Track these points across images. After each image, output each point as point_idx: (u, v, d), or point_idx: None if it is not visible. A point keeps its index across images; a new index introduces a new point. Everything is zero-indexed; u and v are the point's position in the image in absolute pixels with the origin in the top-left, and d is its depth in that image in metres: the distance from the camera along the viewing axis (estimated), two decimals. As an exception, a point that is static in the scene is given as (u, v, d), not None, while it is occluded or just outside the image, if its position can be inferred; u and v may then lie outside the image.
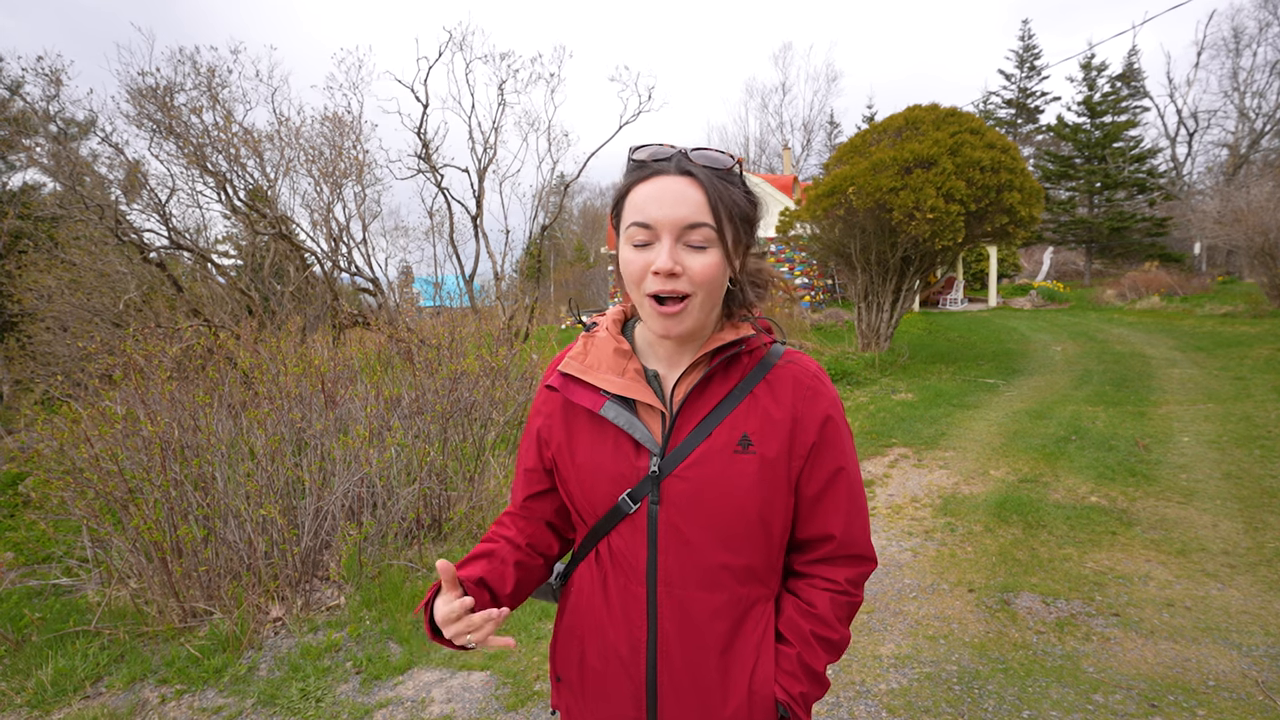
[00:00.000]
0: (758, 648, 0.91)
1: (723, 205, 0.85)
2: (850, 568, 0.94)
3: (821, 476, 0.92)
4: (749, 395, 0.90)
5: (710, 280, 0.85)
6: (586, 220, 45.32)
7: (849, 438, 0.96)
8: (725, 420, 0.89)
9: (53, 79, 7.74)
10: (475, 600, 0.90)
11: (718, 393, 0.91)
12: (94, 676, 2.88)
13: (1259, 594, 3.06)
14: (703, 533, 0.88)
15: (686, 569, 0.89)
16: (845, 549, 0.93)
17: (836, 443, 0.92)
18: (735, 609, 0.90)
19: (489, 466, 4.46)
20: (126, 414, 3.61)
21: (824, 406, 0.92)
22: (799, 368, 0.94)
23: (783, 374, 0.92)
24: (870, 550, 0.96)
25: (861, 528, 0.95)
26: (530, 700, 2.57)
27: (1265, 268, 13.31)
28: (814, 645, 0.91)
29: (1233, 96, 29.47)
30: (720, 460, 0.87)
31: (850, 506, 0.93)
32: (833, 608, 0.92)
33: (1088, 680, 2.50)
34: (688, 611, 0.89)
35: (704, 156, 0.86)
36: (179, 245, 8.34)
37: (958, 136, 9.19)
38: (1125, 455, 5.12)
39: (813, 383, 0.93)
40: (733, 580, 0.90)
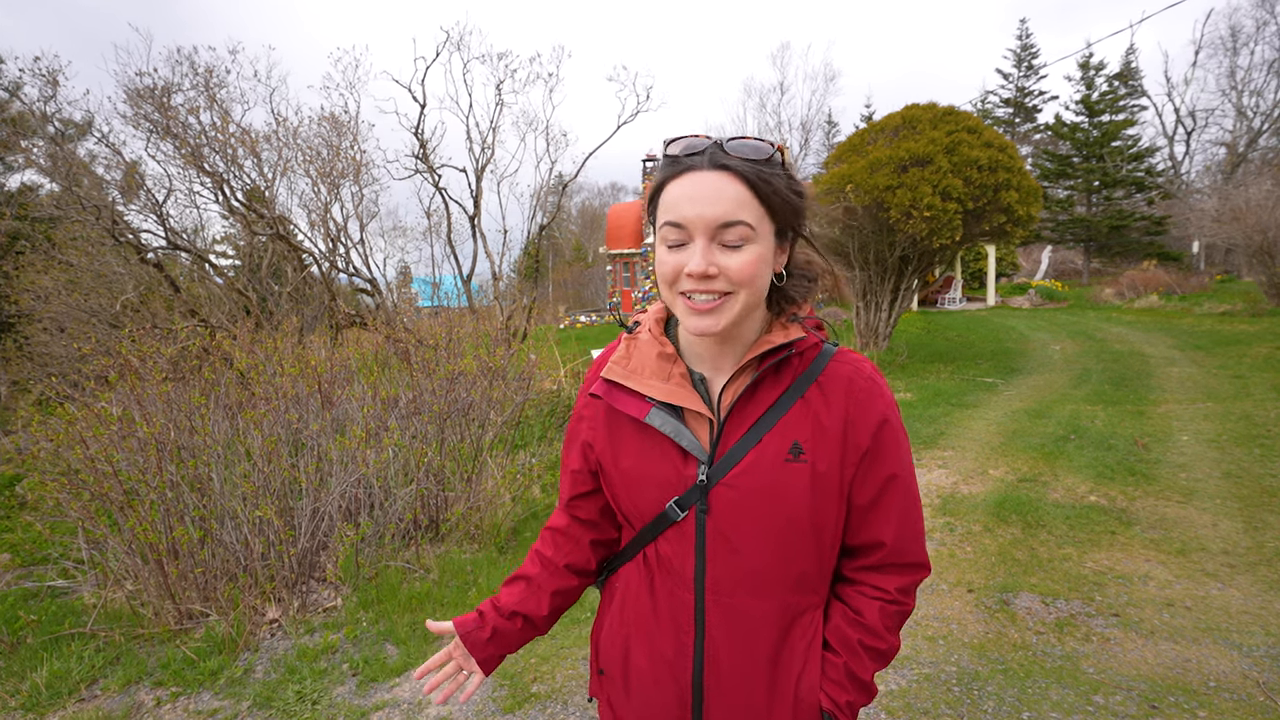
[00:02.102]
0: (805, 655, 0.90)
1: (762, 197, 0.80)
2: (901, 576, 0.91)
3: (875, 483, 0.88)
4: (800, 399, 0.86)
5: (751, 278, 0.81)
6: (585, 220, 45.31)
7: (905, 442, 0.90)
8: (776, 426, 0.85)
9: (50, 80, 7.72)
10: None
11: (767, 398, 0.87)
12: (89, 679, 2.86)
13: (1259, 594, 3.05)
14: (752, 541, 0.86)
15: (736, 577, 0.88)
16: (897, 557, 0.90)
17: (891, 448, 0.88)
18: (784, 616, 0.89)
19: (486, 467, 4.45)
20: (122, 415, 3.59)
21: (879, 410, 0.87)
22: (853, 369, 0.89)
23: (836, 375, 0.88)
24: (923, 557, 0.93)
25: (914, 535, 0.91)
26: (528, 702, 2.56)
27: (1264, 266, 13.32)
28: (861, 654, 0.89)
29: (1230, 95, 29.50)
30: (771, 469, 0.85)
31: (903, 514, 0.89)
32: (881, 617, 0.90)
33: (1088, 681, 2.49)
34: (736, 619, 0.88)
35: (741, 147, 0.81)
36: (176, 246, 8.32)
37: (955, 135, 9.18)
38: (1124, 454, 5.11)
39: (867, 385, 0.88)
40: (783, 588, 0.88)
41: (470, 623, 1.05)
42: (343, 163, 9.30)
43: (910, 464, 0.91)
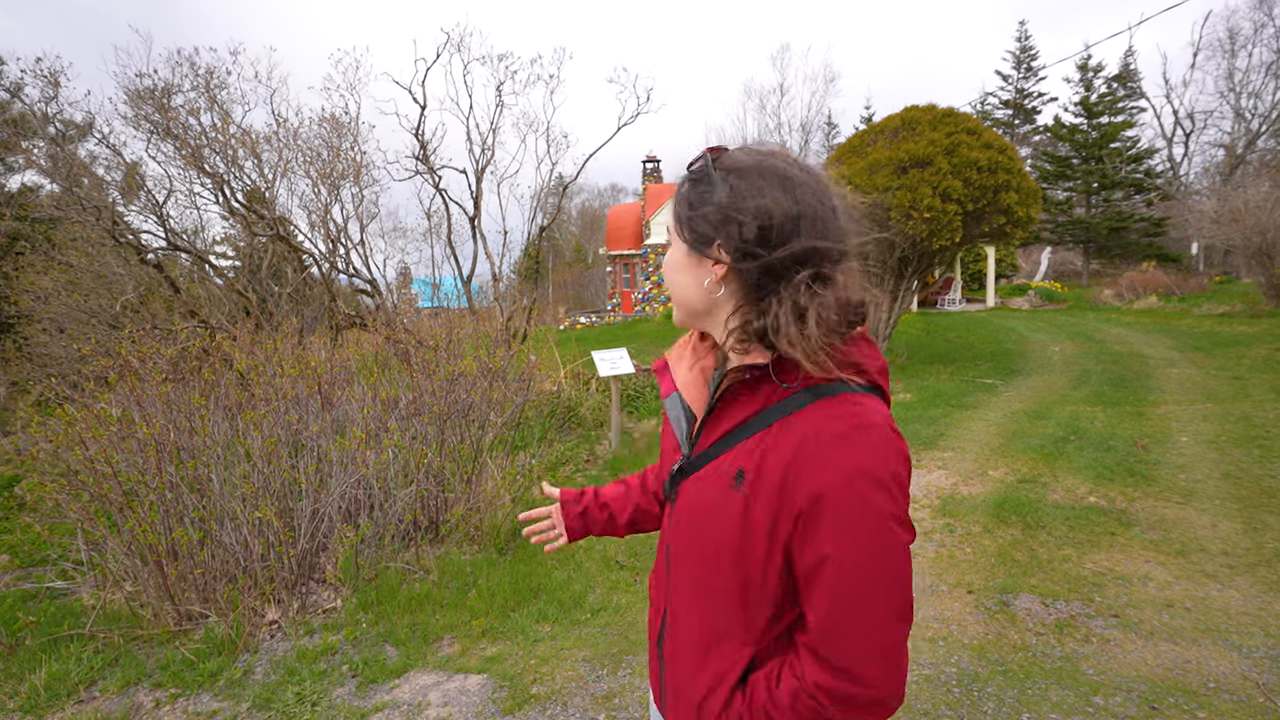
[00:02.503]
0: (717, 680, 0.86)
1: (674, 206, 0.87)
2: (825, 674, 0.77)
3: (808, 556, 0.77)
4: (765, 429, 0.81)
5: (667, 278, 0.89)
6: (585, 221, 45.33)
7: (859, 523, 0.74)
8: (735, 447, 0.84)
9: (51, 81, 7.73)
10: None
11: (739, 414, 0.85)
12: (88, 680, 2.86)
13: (1259, 595, 3.05)
14: (689, 547, 0.90)
15: (682, 570, 0.92)
16: (820, 648, 0.77)
17: (828, 526, 0.75)
18: (708, 629, 0.88)
19: (486, 468, 4.45)
20: (122, 416, 3.59)
21: (828, 476, 0.74)
22: (821, 420, 0.77)
23: (801, 420, 0.78)
24: (861, 669, 0.75)
25: (847, 638, 0.76)
26: (527, 703, 2.55)
27: (1262, 267, 13.32)
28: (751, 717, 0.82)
29: (1229, 97, 29.55)
30: (716, 487, 0.84)
31: (832, 605, 0.76)
32: (792, 700, 0.79)
33: (1087, 682, 2.49)
34: (682, 608, 0.93)
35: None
36: (176, 246, 8.32)
37: (954, 137, 9.19)
38: (1124, 455, 5.11)
39: (827, 443, 0.75)
40: (710, 598, 0.87)
41: (571, 496, 1.28)
42: (343, 164, 9.30)
43: (869, 552, 0.75)
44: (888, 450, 0.76)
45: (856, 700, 0.77)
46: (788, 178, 0.79)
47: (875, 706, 0.77)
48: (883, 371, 0.84)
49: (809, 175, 0.81)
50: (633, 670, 2.74)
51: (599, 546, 4.14)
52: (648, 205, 24.74)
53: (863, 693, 0.76)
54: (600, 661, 2.82)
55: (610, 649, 2.92)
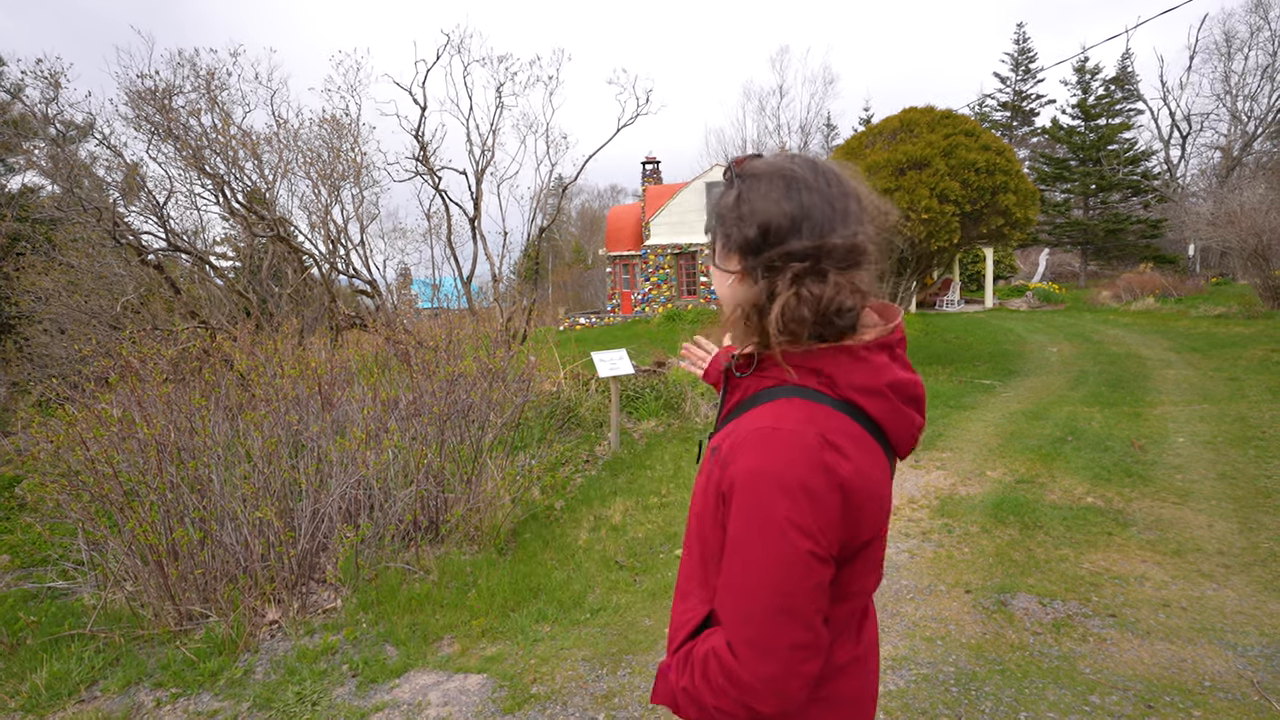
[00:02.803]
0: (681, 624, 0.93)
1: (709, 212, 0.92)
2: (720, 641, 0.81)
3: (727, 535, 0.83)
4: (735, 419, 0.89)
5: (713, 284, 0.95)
6: (584, 222, 45.35)
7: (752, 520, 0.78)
8: (723, 429, 0.92)
9: (52, 82, 7.73)
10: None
11: (730, 402, 0.95)
12: (89, 680, 2.87)
13: (1254, 594, 3.07)
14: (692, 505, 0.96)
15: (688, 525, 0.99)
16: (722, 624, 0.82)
17: (732, 512, 0.80)
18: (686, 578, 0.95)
19: (486, 469, 4.46)
20: (123, 416, 3.60)
21: (737, 468, 0.80)
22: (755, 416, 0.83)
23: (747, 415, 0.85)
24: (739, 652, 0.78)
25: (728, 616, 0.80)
26: (527, 703, 2.57)
27: (1258, 269, 13.37)
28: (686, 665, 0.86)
29: (1225, 100, 29.64)
30: (706, 456, 0.92)
31: (723, 584, 0.82)
32: (703, 659, 0.83)
33: (1084, 681, 2.51)
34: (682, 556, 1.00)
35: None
36: (177, 247, 8.33)
37: (952, 138, 9.23)
38: (1121, 456, 5.13)
39: (746, 438, 0.81)
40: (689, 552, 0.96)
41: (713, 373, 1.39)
42: (343, 165, 9.32)
43: (752, 550, 0.78)
44: (796, 456, 0.76)
45: (740, 681, 0.78)
46: (794, 180, 0.81)
47: (749, 690, 0.77)
48: (866, 389, 0.82)
49: (821, 178, 0.83)
50: (632, 670, 2.76)
51: (598, 547, 4.16)
52: (647, 206, 24.77)
53: (743, 674, 0.78)
54: (600, 661, 2.83)
55: (610, 649, 2.93)
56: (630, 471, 5.65)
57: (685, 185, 24.08)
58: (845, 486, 0.77)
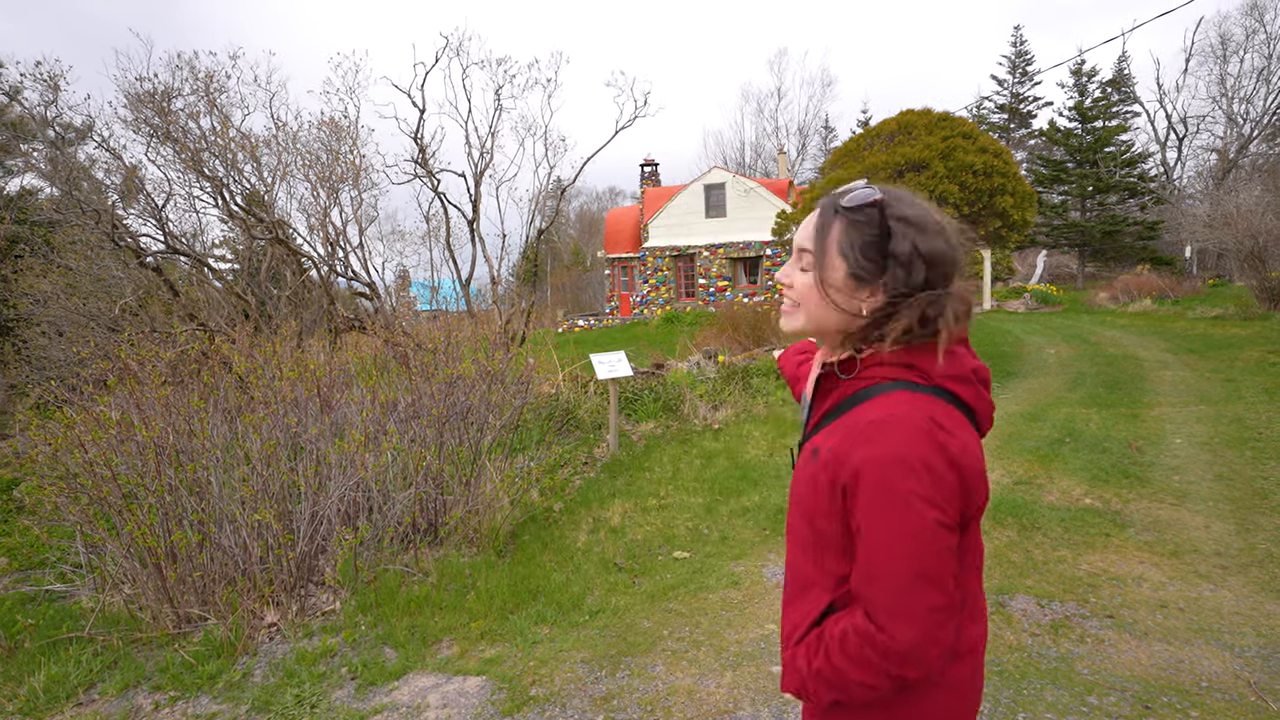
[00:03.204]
0: (803, 617, 1.01)
1: (828, 239, 0.96)
2: (860, 619, 0.89)
3: (852, 525, 0.91)
4: (837, 418, 0.97)
5: (806, 297, 1.00)
6: (583, 224, 45.37)
7: (882, 503, 0.86)
8: (821, 430, 1.00)
9: (51, 84, 7.73)
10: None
11: (825, 405, 1.03)
12: (87, 683, 2.86)
13: (1251, 595, 3.08)
14: (794, 507, 1.05)
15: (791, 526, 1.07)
16: (857, 599, 0.91)
17: (860, 498, 0.88)
18: (800, 573, 1.03)
19: (485, 471, 4.46)
20: (121, 419, 3.60)
21: (860, 456, 0.88)
22: (866, 409, 0.92)
23: (857, 410, 0.94)
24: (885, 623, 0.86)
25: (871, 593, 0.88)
26: (526, 705, 2.57)
27: (1254, 271, 13.41)
28: (820, 648, 0.95)
29: (1221, 102, 29.76)
30: (806, 461, 1.01)
31: (861, 565, 0.90)
32: (841, 637, 0.91)
33: (1082, 682, 2.51)
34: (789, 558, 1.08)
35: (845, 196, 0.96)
36: (175, 250, 8.32)
37: (950, 141, 9.26)
38: (1119, 457, 5.15)
39: (865, 429, 0.90)
40: (800, 547, 1.02)
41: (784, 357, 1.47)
42: (342, 167, 9.32)
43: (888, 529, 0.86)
44: (917, 438, 0.86)
45: (886, 648, 0.86)
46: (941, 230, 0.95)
47: (899, 658, 0.86)
48: (956, 377, 0.95)
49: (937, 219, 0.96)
50: (631, 672, 2.76)
51: (597, 549, 4.16)
52: (646, 208, 24.79)
53: (885, 642, 0.86)
54: (599, 663, 2.83)
55: (609, 650, 2.93)
56: (629, 473, 5.65)
57: (684, 187, 24.11)
58: (956, 461, 0.88)
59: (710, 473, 5.48)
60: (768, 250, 22.71)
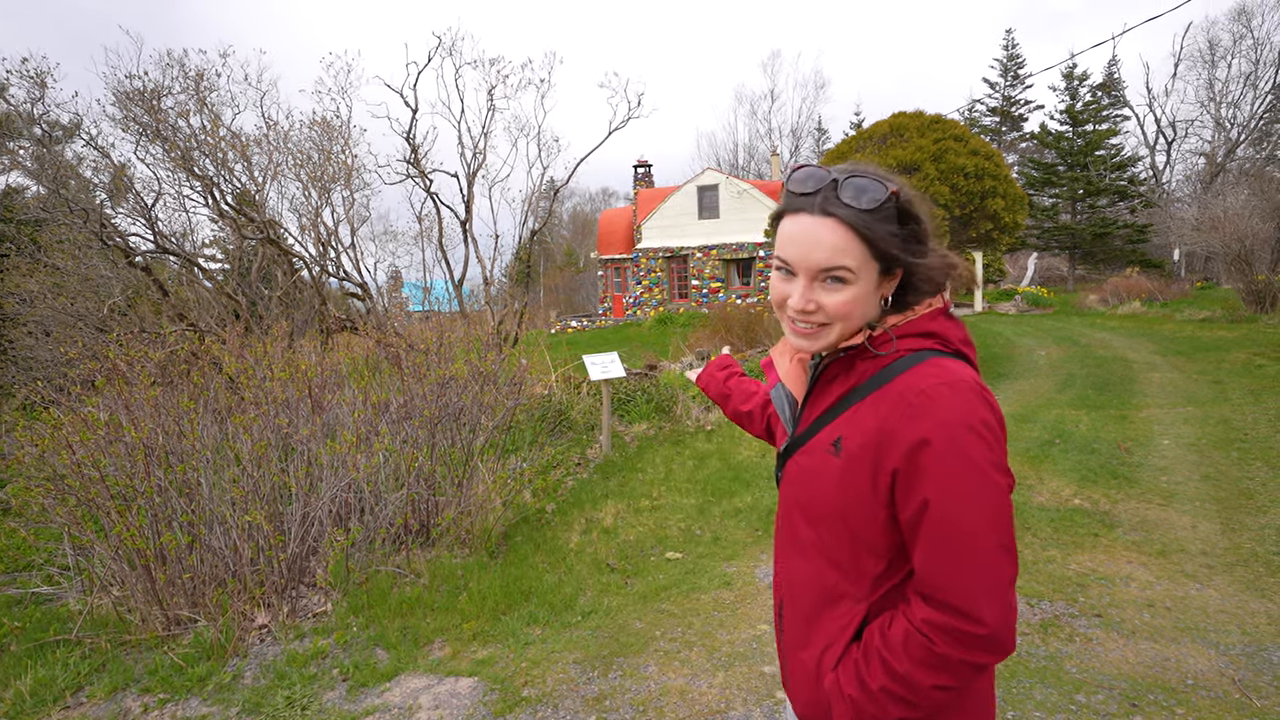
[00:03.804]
0: (834, 636, 0.93)
1: (867, 243, 0.86)
2: (933, 611, 0.81)
3: (910, 505, 0.83)
4: (860, 401, 0.90)
5: (848, 315, 0.89)
6: (576, 225, 45.35)
7: (957, 468, 0.80)
8: (836, 420, 0.93)
9: (38, 81, 7.65)
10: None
11: (836, 392, 0.95)
12: (75, 686, 2.84)
13: (1236, 594, 3.12)
14: (797, 511, 0.99)
15: (792, 536, 1.01)
16: (925, 589, 0.83)
17: (930, 472, 0.81)
18: (821, 588, 0.95)
19: (477, 472, 4.45)
20: (109, 420, 3.57)
21: (921, 428, 0.81)
22: (912, 381, 0.85)
23: (894, 385, 0.86)
24: (969, 605, 0.79)
25: (952, 576, 0.80)
26: (518, 706, 2.56)
27: (1241, 274, 13.56)
28: (873, 662, 0.86)
29: (1209, 106, 30.09)
30: (817, 457, 0.94)
31: (934, 547, 0.81)
32: (904, 640, 0.83)
33: (1070, 680, 2.53)
34: (791, 571, 1.02)
35: (852, 191, 0.86)
36: (165, 249, 8.26)
37: (941, 143, 9.32)
38: (1107, 458, 5.19)
39: (916, 400, 0.82)
40: (820, 559, 0.95)
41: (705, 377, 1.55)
42: (334, 167, 9.28)
43: (967, 496, 0.79)
44: (975, 401, 0.82)
45: (965, 636, 0.79)
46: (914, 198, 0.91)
47: (985, 644, 0.79)
48: (966, 341, 0.92)
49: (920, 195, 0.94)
50: (623, 672, 2.76)
51: (590, 550, 4.16)
52: (639, 210, 24.80)
53: (971, 629, 0.79)
54: (591, 664, 2.83)
55: (601, 651, 2.93)
56: (622, 474, 5.65)
57: (677, 189, 24.14)
58: (1002, 422, 0.85)
59: (703, 474, 5.49)
60: (761, 252, 22.76)
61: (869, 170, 0.89)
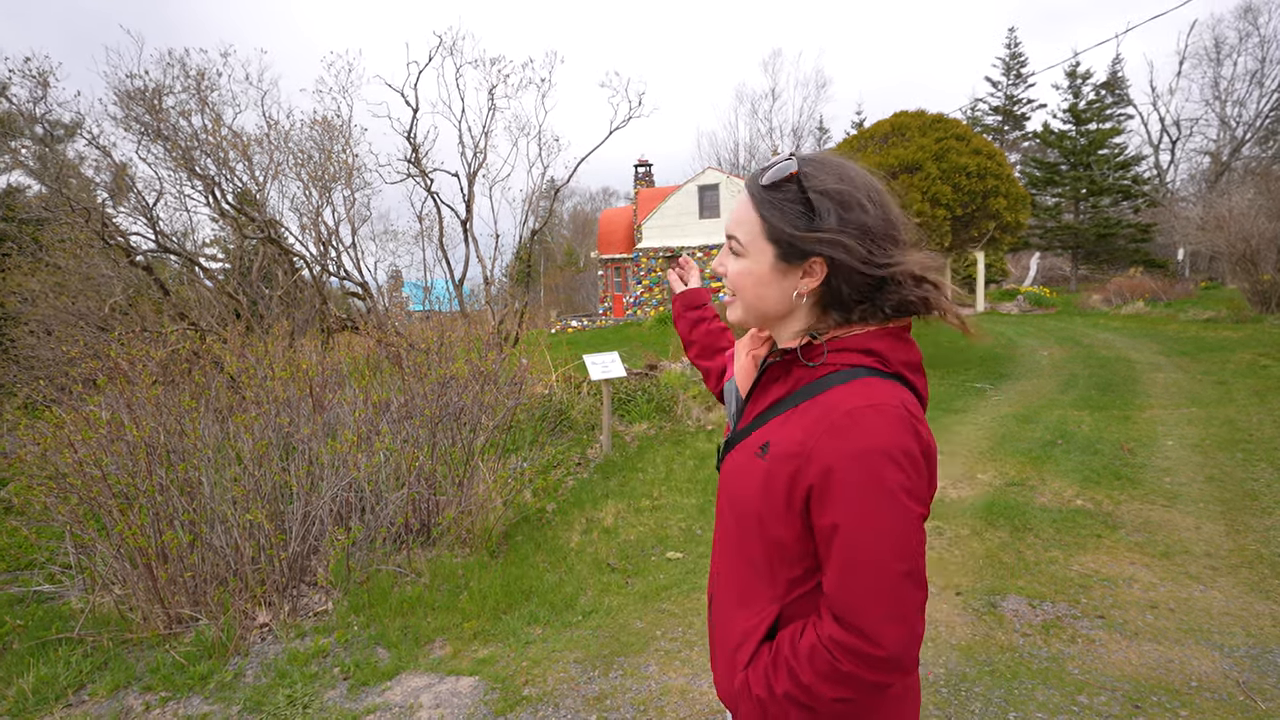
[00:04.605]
0: (746, 634, 0.94)
1: (758, 220, 0.90)
2: (838, 630, 0.82)
3: (821, 524, 0.83)
4: (791, 408, 0.90)
5: (740, 285, 0.93)
6: (577, 225, 45.34)
7: (868, 495, 0.79)
8: (767, 423, 0.93)
9: (40, 81, 7.66)
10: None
11: (773, 395, 0.95)
12: (77, 684, 2.84)
13: (1240, 595, 3.10)
14: (725, 509, 1.00)
15: (722, 531, 1.02)
16: (833, 607, 0.83)
17: (837, 497, 0.81)
18: (741, 586, 0.96)
19: (478, 471, 4.45)
20: (111, 419, 3.57)
21: (836, 451, 0.81)
22: (839, 399, 0.84)
23: (821, 400, 0.86)
24: (872, 630, 0.79)
25: (858, 600, 0.80)
26: (519, 705, 2.56)
27: (1246, 273, 13.51)
28: (780, 667, 0.87)
29: (1214, 105, 29.99)
30: (745, 457, 0.94)
31: (841, 570, 0.82)
32: (810, 653, 0.84)
33: (1073, 682, 2.52)
34: (719, 566, 1.04)
35: (765, 174, 0.90)
36: (166, 248, 8.27)
37: (943, 143, 9.29)
38: (1110, 459, 5.18)
39: (839, 421, 0.82)
40: (740, 558, 0.96)
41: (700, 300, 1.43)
42: (334, 166, 9.27)
43: (875, 523, 0.80)
44: (899, 428, 0.81)
45: (867, 657, 0.81)
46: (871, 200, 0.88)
47: (885, 665, 0.81)
48: (910, 365, 0.90)
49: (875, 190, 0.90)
50: (624, 672, 2.76)
51: (590, 550, 4.16)
52: (639, 209, 24.79)
53: (873, 650, 0.80)
54: (592, 663, 2.83)
55: (602, 651, 2.93)
56: (622, 474, 5.65)
57: (677, 188, 24.13)
58: (927, 452, 0.84)
59: (703, 473, 5.48)
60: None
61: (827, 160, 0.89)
